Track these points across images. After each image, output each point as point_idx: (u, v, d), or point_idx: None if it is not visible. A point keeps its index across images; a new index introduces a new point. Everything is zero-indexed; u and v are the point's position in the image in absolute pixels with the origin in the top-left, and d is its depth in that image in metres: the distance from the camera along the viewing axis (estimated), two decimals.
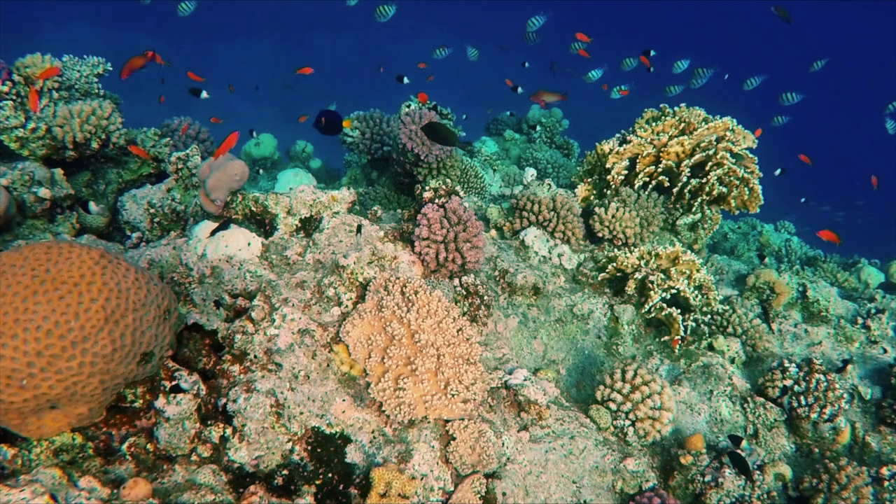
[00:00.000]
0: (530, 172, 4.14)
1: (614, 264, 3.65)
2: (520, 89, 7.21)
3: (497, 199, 5.43)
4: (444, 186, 3.01)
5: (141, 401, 2.12)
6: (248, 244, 2.70)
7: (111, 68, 4.45)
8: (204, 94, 4.48)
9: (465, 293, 2.93)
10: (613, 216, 3.95)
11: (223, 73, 20.30)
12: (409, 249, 2.97)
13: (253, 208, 2.96)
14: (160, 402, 2.10)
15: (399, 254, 2.89)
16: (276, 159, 8.49)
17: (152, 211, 3.17)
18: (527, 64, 7.50)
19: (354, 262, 2.58)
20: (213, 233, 2.70)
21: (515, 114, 7.18)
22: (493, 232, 3.84)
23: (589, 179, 4.37)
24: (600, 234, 3.97)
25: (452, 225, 2.92)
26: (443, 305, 2.42)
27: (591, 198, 4.33)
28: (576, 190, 4.41)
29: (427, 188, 3.04)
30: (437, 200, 2.97)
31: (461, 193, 3.05)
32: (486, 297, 2.96)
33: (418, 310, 2.36)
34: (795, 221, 7.54)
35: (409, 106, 5.13)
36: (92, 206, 3.88)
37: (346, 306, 2.54)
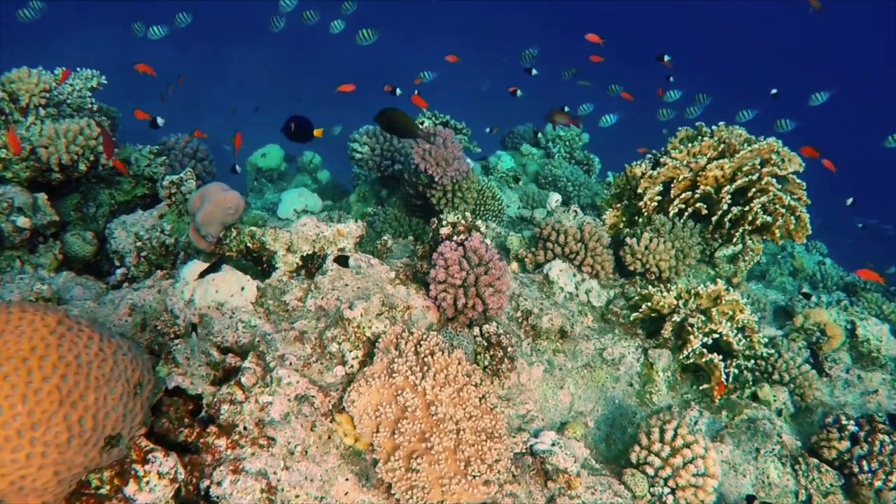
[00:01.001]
0: (555, 198, 3.81)
1: (649, 304, 3.30)
2: (518, 92, 6.90)
3: (516, 222, 5.10)
4: (463, 221, 2.68)
5: (108, 487, 1.80)
6: (242, 289, 2.38)
7: (105, 81, 4.16)
8: (160, 122, 4.13)
9: (486, 344, 2.59)
10: (646, 248, 3.60)
11: (231, 78, 20.10)
12: (423, 293, 2.64)
13: (249, 244, 2.64)
14: (130, 489, 1.78)
15: (412, 299, 2.55)
16: (283, 170, 8.20)
17: (139, 244, 2.86)
18: (535, 71, 7.22)
19: (361, 315, 2.25)
20: (203, 275, 2.39)
21: (535, 126, 6.84)
22: (515, 265, 3.50)
23: (618, 205, 4.03)
24: (632, 268, 3.63)
25: (473, 266, 2.58)
26: (463, 370, 2.09)
27: (621, 225, 3.99)
28: (603, 216, 4.06)
29: (444, 222, 2.71)
30: (455, 237, 2.64)
31: (482, 229, 2.72)
32: (509, 349, 2.62)
33: (435, 375, 2.03)
34: (828, 238, 7.13)
35: (422, 123, 4.80)
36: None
37: (352, 366, 2.21)
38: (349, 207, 5.44)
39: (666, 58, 6.81)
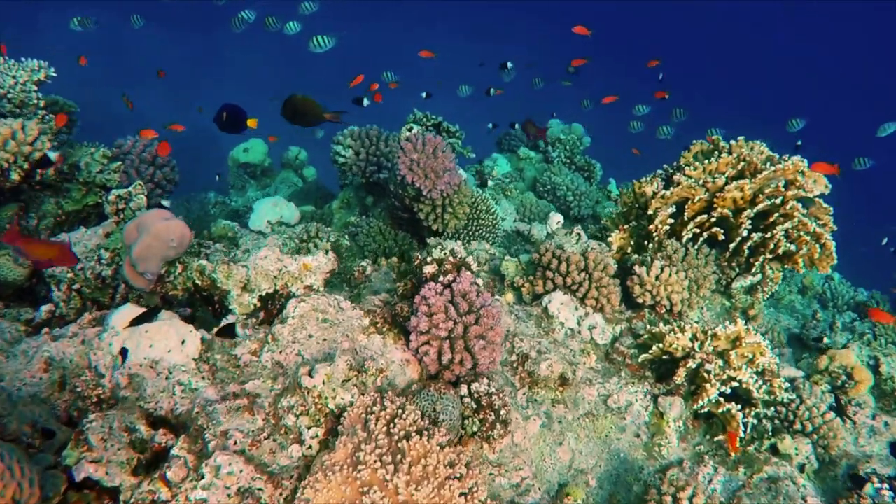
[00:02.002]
0: (555, 219, 3.41)
1: (660, 345, 2.91)
2: (492, 91, 6.58)
3: (511, 237, 4.69)
4: (451, 259, 2.28)
5: None
6: (182, 342, 1.97)
7: (55, 74, 3.72)
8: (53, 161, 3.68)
9: (475, 407, 2.20)
10: (657, 278, 3.22)
11: (227, 68, 19.52)
12: (402, 343, 2.24)
13: (198, 282, 2.23)
14: None
15: (389, 352, 2.16)
16: (268, 166, 7.76)
17: (70, 275, 2.43)
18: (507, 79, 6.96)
19: (324, 382, 1.85)
20: (135, 323, 1.98)
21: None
22: (510, 296, 3.11)
23: (625, 226, 3.63)
24: (640, 300, 3.24)
25: (461, 315, 2.18)
26: (445, 458, 1.69)
27: (629, 249, 3.59)
28: (609, 238, 3.67)
29: (429, 259, 2.31)
30: (441, 278, 2.23)
31: (474, 266, 2.31)
32: (502, 412, 2.23)
33: (410, 468, 1.63)
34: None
35: (410, 129, 4.37)
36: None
37: (310, 446, 1.81)
38: (331, 215, 5.02)
39: (660, 75, 6.51)
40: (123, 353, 1.86)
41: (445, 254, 2.30)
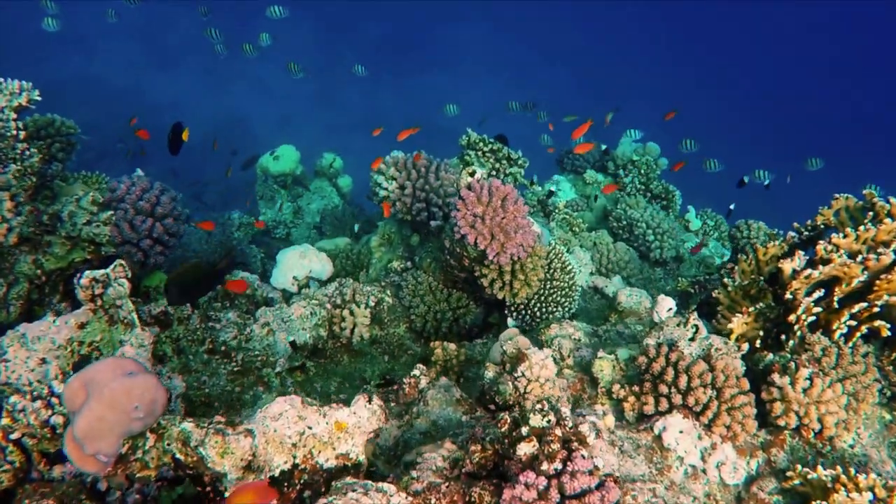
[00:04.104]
0: (665, 305, 2.60)
1: None
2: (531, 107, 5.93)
3: (588, 293, 3.88)
4: (556, 432, 1.49)
5: None
6: None
7: (39, 98, 3.03)
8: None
9: None
10: (805, 392, 2.39)
11: (260, 56, 18.83)
12: None
13: (180, 456, 1.49)
14: None
15: None
16: (300, 174, 7.05)
17: (6, 420, 1.70)
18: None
19: None
20: None
21: (603, 145, 5.57)
22: (609, 420, 2.30)
23: (749, 308, 2.80)
24: (781, 421, 2.42)
25: None
26: None
27: (756, 343, 2.76)
28: (722, 318, 2.85)
29: (525, 431, 1.53)
30: (545, 464, 1.46)
31: (589, 440, 1.53)
32: None
33: None
34: None
35: (472, 173, 3.57)
36: None
37: None
38: (370, 254, 4.27)
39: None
40: None
41: (548, 421, 1.52)
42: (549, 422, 1.53)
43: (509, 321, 3.30)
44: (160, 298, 3.12)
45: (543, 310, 3.27)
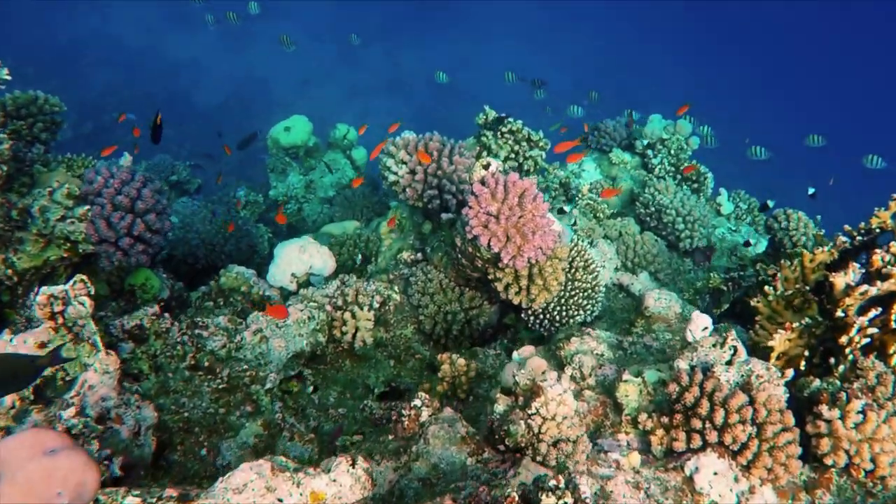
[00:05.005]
0: (700, 323, 2.30)
1: None
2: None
3: (612, 291, 3.58)
4: None
5: None
6: None
7: (8, 77, 2.77)
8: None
9: None
10: (857, 427, 2.10)
11: (281, 16, 18.36)
12: None
13: None
14: None
15: None
16: (312, 146, 6.76)
17: None
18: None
19: None
20: None
21: (635, 120, 5.18)
22: (634, 458, 2.05)
23: (793, 324, 2.49)
24: (829, 459, 2.14)
25: None
26: None
27: (801, 363, 2.46)
28: (766, 336, 2.55)
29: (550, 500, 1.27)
30: None
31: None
32: None
33: None
34: None
35: (486, 165, 3.25)
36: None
37: None
38: (379, 241, 4.01)
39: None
40: None
41: (563, 491, 1.26)
42: (564, 500, 1.27)
43: (517, 354, 2.86)
44: (146, 296, 2.90)
45: (563, 313, 2.99)
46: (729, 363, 2.30)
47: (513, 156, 3.99)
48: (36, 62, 15.41)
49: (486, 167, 3.16)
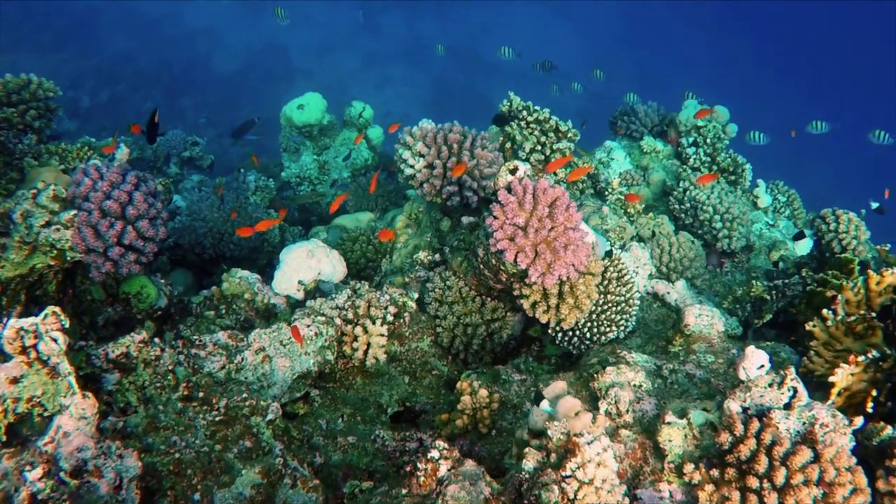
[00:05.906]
0: (756, 360, 2.02)
1: None
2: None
3: (646, 300, 3.29)
4: None
5: None
6: None
7: None
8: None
9: None
10: None
11: None
12: None
13: None
14: None
15: None
16: (327, 124, 6.45)
17: None
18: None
19: None
20: None
21: (662, 110, 4.85)
22: (677, 495, 1.80)
23: (858, 357, 2.21)
24: None
25: None
26: None
27: (868, 402, 2.19)
28: (822, 364, 2.28)
29: None
30: None
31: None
32: None
33: None
34: None
35: (514, 170, 2.94)
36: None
37: None
38: (395, 236, 3.75)
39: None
40: None
41: None
42: None
43: (546, 399, 2.41)
44: (141, 306, 2.67)
45: (595, 330, 2.73)
46: (787, 405, 2.03)
47: (539, 147, 3.69)
48: (53, 29, 15.16)
49: (513, 172, 2.87)
